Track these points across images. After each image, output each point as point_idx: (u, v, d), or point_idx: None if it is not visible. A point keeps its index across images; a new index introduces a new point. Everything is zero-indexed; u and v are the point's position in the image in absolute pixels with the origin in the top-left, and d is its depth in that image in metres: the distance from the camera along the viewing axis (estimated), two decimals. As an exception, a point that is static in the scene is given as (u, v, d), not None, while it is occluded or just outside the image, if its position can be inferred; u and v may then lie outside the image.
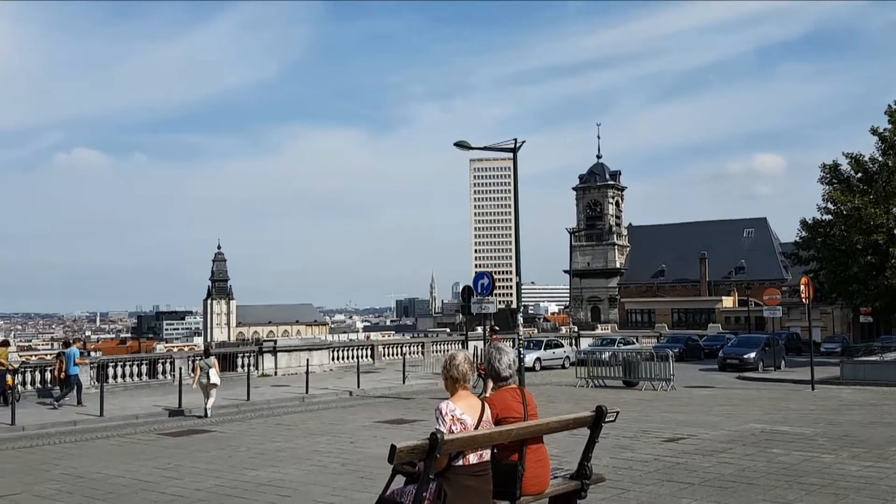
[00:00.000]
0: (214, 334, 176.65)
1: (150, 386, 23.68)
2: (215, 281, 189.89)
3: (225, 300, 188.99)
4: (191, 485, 9.45)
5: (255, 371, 26.11)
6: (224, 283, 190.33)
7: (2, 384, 19.47)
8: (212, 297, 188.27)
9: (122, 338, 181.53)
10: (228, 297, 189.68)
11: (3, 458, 12.14)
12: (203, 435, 14.29)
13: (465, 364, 4.83)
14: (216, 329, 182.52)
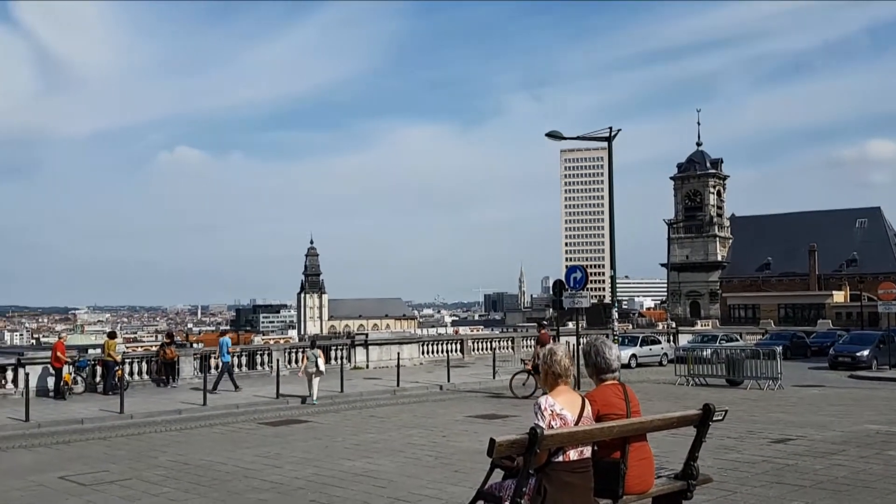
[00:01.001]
0: (307, 327, 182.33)
1: (249, 377, 24.67)
2: (308, 275, 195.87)
3: (317, 294, 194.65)
4: (290, 473, 9.80)
5: (348, 364, 26.78)
6: (316, 278, 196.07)
7: (110, 375, 20.80)
8: (305, 291, 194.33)
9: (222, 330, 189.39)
10: (321, 291, 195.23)
11: (113, 445, 12.97)
12: (300, 425, 14.80)
13: (565, 359, 4.78)
14: (309, 322, 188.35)
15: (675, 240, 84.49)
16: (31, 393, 17.32)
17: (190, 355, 24.53)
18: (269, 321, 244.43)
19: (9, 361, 21.17)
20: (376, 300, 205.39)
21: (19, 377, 20.10)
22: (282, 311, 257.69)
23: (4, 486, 9.53)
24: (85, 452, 12.25)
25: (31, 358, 21.42)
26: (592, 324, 47.92)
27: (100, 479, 9.82)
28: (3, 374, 20.57)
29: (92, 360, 22.05)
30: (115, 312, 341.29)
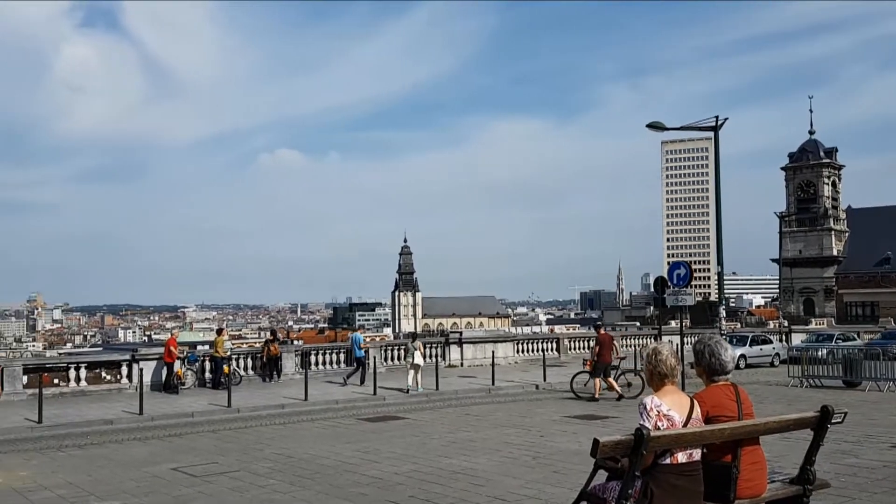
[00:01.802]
0: (402, 325, 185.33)
1: (347, 373, 25.30)
2: (402, 273, 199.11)
3: (411, 292, 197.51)
4: (389, 468, 10.02)
5: (443, 361, 27.04)
6: (410, 276, 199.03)
7: (219, 370, 21.85)
8: (399, 289, 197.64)
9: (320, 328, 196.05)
10: (414, 290, 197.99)
11: (222, 438, 13.62)
12: (398, 421, 15.08)
13: (671, 358, 4.66)
14: (403, 320, 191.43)
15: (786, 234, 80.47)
16: (145, 387, 18.42)
17: (291, 352, 25.43)
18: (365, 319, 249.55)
19: (123, 357, 22.59)
20: (469, 298, 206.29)
21: (133, 372, 21.44)
22: (377, 309, 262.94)
23: (121, 476, 10.19)
24: (195, 445, 12.93)
25: (144, 354, 22.76)
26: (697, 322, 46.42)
27: (210, 470, 10.35)
28: (119, 370, 21.98)
29: (202, 355, 23.24)
30: (220, 310, 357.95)
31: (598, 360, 19.16)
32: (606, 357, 19.26)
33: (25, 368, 20.60)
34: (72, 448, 12.86)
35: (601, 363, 19.15)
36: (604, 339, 19.67)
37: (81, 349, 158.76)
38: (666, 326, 33.54)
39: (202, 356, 23.09)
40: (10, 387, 19.80)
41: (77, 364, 21.62)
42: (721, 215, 20.46)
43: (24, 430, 15.07)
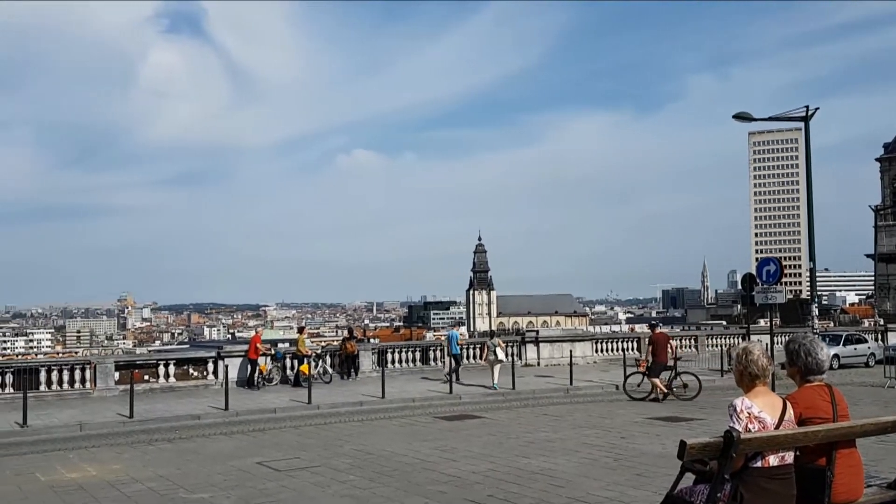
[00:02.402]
0: (476, 324, 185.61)
1: (423, 372, 25.60)
2: (476, 272, 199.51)
3: (486, 290, 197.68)
4: (467, 467, 10.07)
5: (519, 361, 26.93)
6: (485, 274, 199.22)
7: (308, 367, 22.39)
8: (473, 287, 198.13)
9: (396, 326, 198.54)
10: (489, 288, 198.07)
11: (304, 434, 13.99)
12: (474, 420, 15.13)
13: (763, 358, 4.51)
14: (478, 319, 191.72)
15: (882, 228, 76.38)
16: (230, 384, 19.08)
17: (368, 350, 25.86)
18: (440, 318, 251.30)
19: (210, 354, 23.49)
20: (545, 296, 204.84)
21: (219, 369, 22.26)
22: (451, 307, 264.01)
23: (209, 470, 10.60)
24: (278, 440, 13.33)
25: (229, 351, 23.61)
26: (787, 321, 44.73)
27: (293, 465, 10.65)
28: (205, 366, 22.87)
29: (286, 353, 23.97)
30: (299, 309, 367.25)
31: (654, 359, 18.85)
32: (662, 357, 18.96)
33: (117, 365, 21.68)
34: (161, 442, 13.46)
35: (657, 363, 18.82)
36: (658, 339, 19.36)
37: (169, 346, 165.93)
38: (754, 325, 32.42)
39: (287, 354, 23.79)
40: (102, 383, 20.88)
41: (166, 361, 22.61)
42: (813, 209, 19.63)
43: (116, 425, 15.88)
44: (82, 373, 20.80)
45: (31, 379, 19.81)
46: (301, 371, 21.96)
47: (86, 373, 20.84)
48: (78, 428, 15.44)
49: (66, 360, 23.08)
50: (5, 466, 11.31)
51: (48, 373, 20.41)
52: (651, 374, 18.72)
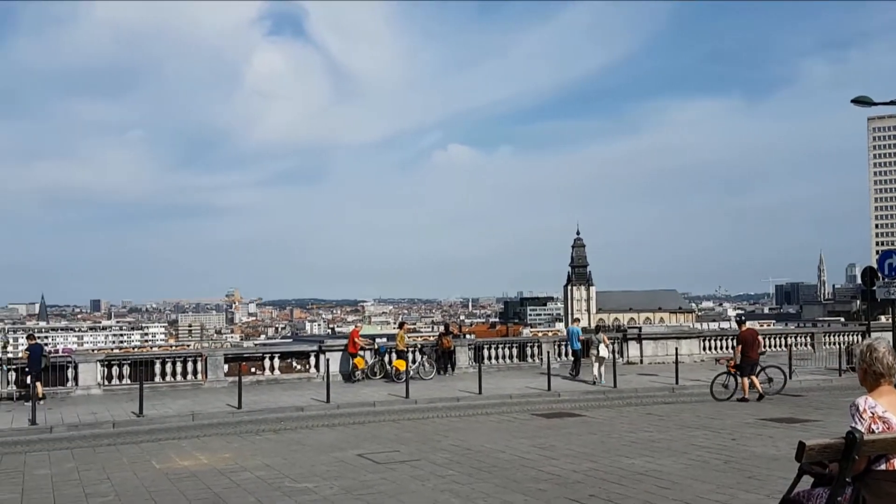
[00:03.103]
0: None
1: (520, 368, 25.53)
2: (575, 267, 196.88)
3: (584, 286, 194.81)
4: (567, 466, 9.97)
5: (620, 358, 26.40)
6: (583, 269, 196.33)
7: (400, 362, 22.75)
8: (572, 283, 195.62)
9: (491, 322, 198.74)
10: (588, 283, 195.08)
11: (402, 428, 14.24)
12: (574, 418, 14.96)
13: (889, 356, 4.24)
14: (576, 315, 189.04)
15: None
16: (332, 377, 19.64)
17: (465, 346, 26.01)
18: (536, 314, 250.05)
19: (312, 349, 24.27)
20: (648, 292, 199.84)
21: (321, 363, 22.98)
22: (548, 303, 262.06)
23: (313, 460, 10.97)
24: (377, 433, 13.63)
25: (330, 346, 24.32)
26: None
27: (392, 458, 10.87)
28: (307, 360, 23.64)
29: (389, 348, 24.46)
30: (396, 304, 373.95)
31: (745, 357, 18.02)
32: (753, 354, 18.15)
33: (226, 358, 22.75)
34: (268, 432, 14.03)
35: (748, 361, 17.99)
36: (747, 335, 18.49)
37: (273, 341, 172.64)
38: (875, 322, 30.50)
39: (389, 349, 24.27)
40: (212, 375, 21.96)
41: (271, 354, 23.55)
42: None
43: (225, 415, 16.66)
44: (194, 365, 21.95)
45: (147, 370, 21.09)
46: (396, 366, 22.33)
47: (197, 365, 21.98)
48: (190, 417, 16.30)
49: (179, 352, 24.40)
50: (123, 454, 12.09)
51: (162, 365, 21.66)
52: (742, 372, 18.00)
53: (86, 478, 10.12)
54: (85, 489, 9.41)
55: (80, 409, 17.33)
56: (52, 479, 10.09)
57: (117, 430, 15.12)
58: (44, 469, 10.87)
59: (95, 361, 21.04)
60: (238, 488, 9.20)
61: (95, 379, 20.57)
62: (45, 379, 19.55)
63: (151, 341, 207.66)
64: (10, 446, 13.24)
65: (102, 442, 13.46)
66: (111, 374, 20.95)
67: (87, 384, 20.36)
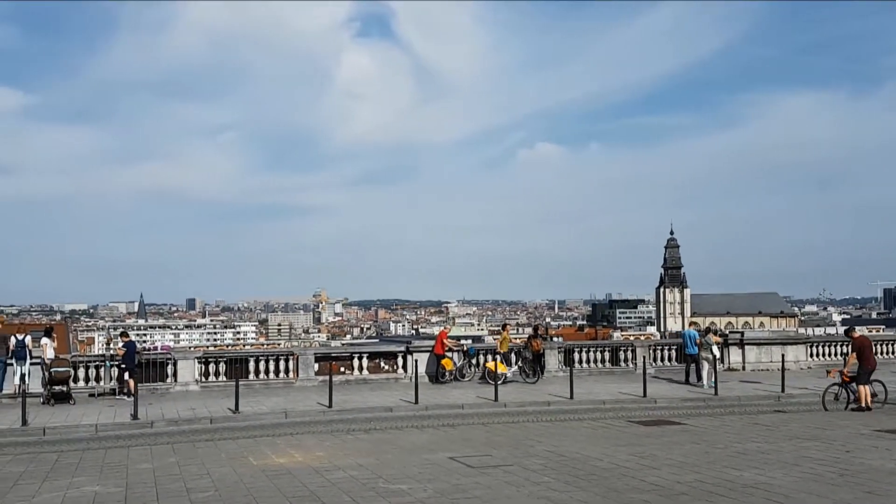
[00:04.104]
0: (667, 324, 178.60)
1: (612, 373, 25.02)
2: (668, 268, 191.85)
3: (678, 288, 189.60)
4: (669, 476, 9.65)
5: (721, 365, 25.48)
6: (677, 271, 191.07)
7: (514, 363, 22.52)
8: (664, 285, 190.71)
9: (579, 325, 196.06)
10: (682, 285, 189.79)
11: (493, 431, 14.17)
12: (674, 427, 14.52)
13: None
14: (669, 318, 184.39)
15: None
16: (419, 378, 19.76)
17: (554, 349, 25.69)
18: (626, 317, 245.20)
19: (399, 349, 24.52)
20: (747, 295, 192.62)
21: (408, 363, 23.18)
22: (639, 306, 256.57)
23: (405, 461, 11.03)
24: (468, 436, 13.60)
25: (417, 346, 24.50)
26: None
27: (485, 462, 10.80)
28: (395, 360, 23.90)
29: (479, 350, 24.42)
30: (480, 306, 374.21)
31: (862, 364, 17.13)
32: (871, 362, 17.24)
33: (316, 357, 23.26)
34: (359, 432, 14.23)
35: (866, 369, 17.10)
36: (864, 342, 17.64)
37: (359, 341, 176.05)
38: None
39: (479, 351, 24.23)
40: (303, 373, 22.49)
41: (359, 354, 23.93)
42: None
43: (316, 414, 17.01)
44: (286, 363, 22.55)
45: (242, 368, 21.82)
46: (488, 367, 22.24)
47: (289, 363, 22.57)
48: (283, 415, 16.73)
49: (271, 351, 25.13)
50: (221, 449, 12.50)
51: (256, 363, 22.35)
52: (859, 380, 17.20)
53: (186, 472, 10.51)
54: (186, 484, 9.76)
55: (178, 405, 18.06)
56: (154, 473, 10.52)
57: (214, 425, 15.67)
58: (146, 463, 11.35)
59: (193, 359, 21.90)
60: (333, 487, 9.34)
61: (193, 376, 21.42)
62: (146, 375, 20.52)
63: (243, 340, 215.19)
64: (114, 440, 13.91)
65: (201, 437, 13.96)
66: (208, 371, 21.77)
67: (185, 381, 21.22)
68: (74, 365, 20.18)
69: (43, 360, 19.02)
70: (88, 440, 13.94)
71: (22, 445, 13.39)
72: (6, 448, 13.06)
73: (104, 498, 9.07)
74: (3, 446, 13.28)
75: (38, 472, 10.79)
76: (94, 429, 15.07)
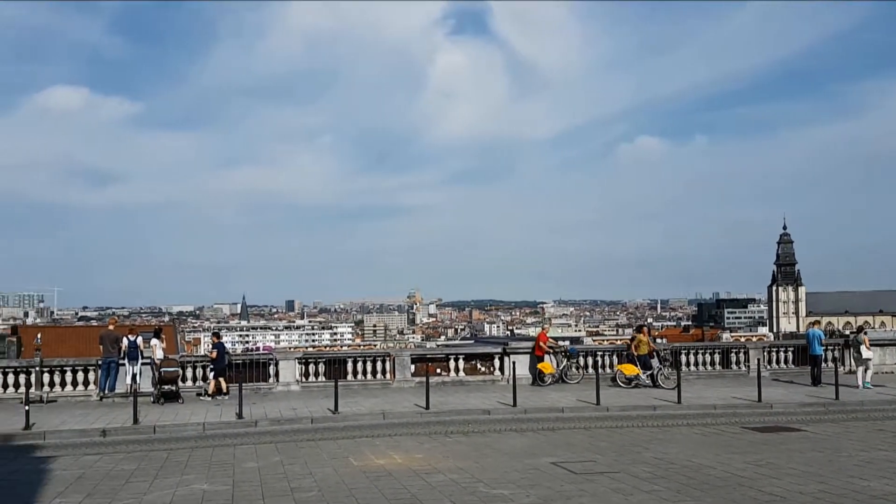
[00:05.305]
0: (780, 324, 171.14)
1: (723, 376, 24.08)
2: (780, 265, 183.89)
3: (792, 286, 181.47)
4: (792, 486, 9.16)
5: (841, 367, 24.12)
6: (791, 268, 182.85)
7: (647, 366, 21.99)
8: (777, 283, 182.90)
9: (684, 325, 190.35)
10: (796, 283, 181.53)
11: (595, 436, 13.87)
12: (793, 433, 13.83)
13: None
14: (783, 318, 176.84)
15: None
16: (517, 380, 19.60)
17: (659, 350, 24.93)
18: (735, 317, 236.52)
19: (496, 350, 24.43)
20: (866, 293, 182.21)
21: (505, 365, 23.07)
22: (749, 305, 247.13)
23: (505, 466, 10.94)
24: (570, 440, 13.37)
25: (515, 348, 24.34)
26: None
27: (589, 468, 10.58)
28: (491, 362, 23.83)
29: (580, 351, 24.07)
30: (577, 306, 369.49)
31: None
32: None
33: (412, 358, 23.49)
34: (457, 434, 14.24)
35: None
36: None
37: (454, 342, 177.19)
38: None
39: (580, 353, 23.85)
40: (400, 374, 22.76)
41: (455, 355, 24.00)
42: None
43: (414, 415, 17.14)
44: (383, 364, 22.88)
45: (340, 369, 22.28)
46: (619, 370, 21.75)
47: (386, 364, 22.89)
48: (381, 416, 16.95)
49: (368, 352, 25.58)
50: (322, 449, 12.77)
51: (354, 364, 22.78)
52: None
53: (290, 472, 10.79)
54: (290, 483, 10.01)
55: (280, 405, 18.61)
56: (259, 472, 10.85)
57: (315, 425, 16.04)
58: (251, 462, 11.73)
59: (294, 359, 22.55)
60: (433, 490, 9.36)
61: (294, 376, 22.04)
62: (249, 375, 21.25)
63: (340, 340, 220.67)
64: (220, 439, 14.45)
65: (302, 437, 14.32)
66: (308, 371, 22.36)
67: (286, 381, 21.86)
68: (182, 365, 21.13)
69: (153, 360, 20.00)
70: (196, 438, 14.54)
71: (133, 443, 14.11)
72: (119, 446, 13.79)
73: (212, 496, 9.41)
74: (117, 444, 14.03)
75: (149, 469, 11.32)
76: (202, 427, 15.71)
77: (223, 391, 20.14)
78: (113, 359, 19.96)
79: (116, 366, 19.98)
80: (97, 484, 10.27)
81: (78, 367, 20.80)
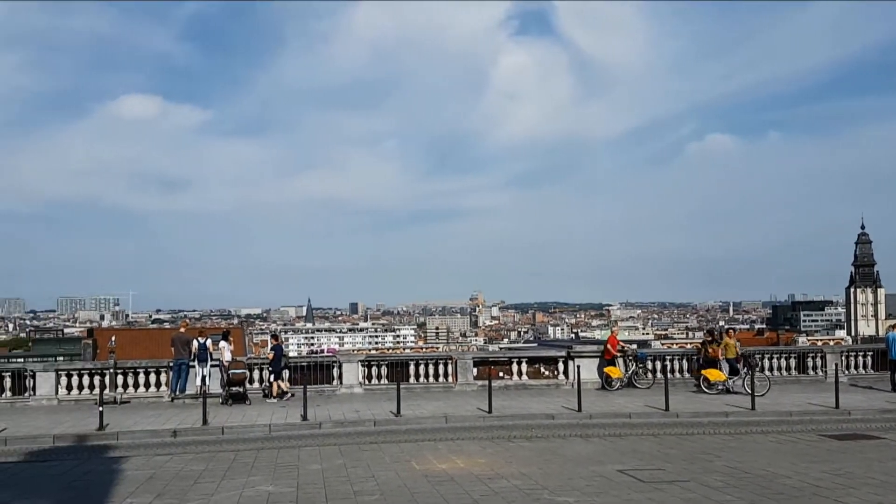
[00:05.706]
0: (859, 327, 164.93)
1: (798, 381, 23.29)
2: (859, 266, 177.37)
3: (871, 288, 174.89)
4: (871, 497, 8.80)
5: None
6: (870, 269, 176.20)
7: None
8: (855, 284, 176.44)
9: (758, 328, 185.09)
10: (875, 285, 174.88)
11: (664, 443, 13.56)
12: (872, 441, 13.30)
13: None
14: (861, 321, 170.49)
15: None
16: (582, 385, 19.35)
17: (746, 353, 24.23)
18: (812, 319, 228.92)
19: (560, 354, 24.16)
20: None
21: (570, 369, 22.79)
22: (826, 308, 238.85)
23: (569, 473, 10.79)
24: (637, 447, 13.11)
25: (579, 351, 24.04)
26: None
27: (657, 476, 10.34)
28: (555, 366, 23.59)
29: (648, 355, 23.64)
30: (644, 308, 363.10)
31: None
32: None
33: (474, 361, 23.44)
34: (520, 440, 14.14)
35: None
36: None
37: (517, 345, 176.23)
38: None
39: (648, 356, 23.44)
40: (462, 377, 22.73)
41: (518, 359, 23.85)
42: None
43: (476, 419, 17.08)
44: (445, 367, 22.90)
45: (402, 371, 22.40)
46: (704, 375, 21.27)
47: (448, 367, 22.90)
48: (443, 420, 16.96)
49: (430, 354, 25.69)
50: (384, 453, 12.84)
51: (416, 366, 22.87)
52: None
53: (353, 475, 10.88)
54: (353, 486, 10.10)
55: (343, 407, 18.82)
56: (323, 475, 10.98)
57: (378, 428, 16.15)
58: (315, 464, 11.88)
59: (357, 362, 22.78)
60: (496, 496, 9.30)
61: (357, 378, 22.26)
62: (313, 377, 21.55)
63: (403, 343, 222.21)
64: (285, 440, 14.70)
65: (365, 439, 14.44)
66: (370, 374, 22.55)
67: (349, 383, 22.11)
68: (250, 367, 21.59)
69: (221, 362, 20.49)
70: (262, 440, 14.82)
71: (202, 444, 14.46)
72: (189, 446, 14.16)
73: (277, 497, 9.56)
74: (186, 444, 14.41)
75: (217, 470, 11.59)
76: (268, 429, 16.01)
77: (283, 392, 20.47)
78: (184, 361, 20.54)
79: (187, 368, 20.55)
80: (167, 484, 10.56)
81: (150, 369, 21.45)
